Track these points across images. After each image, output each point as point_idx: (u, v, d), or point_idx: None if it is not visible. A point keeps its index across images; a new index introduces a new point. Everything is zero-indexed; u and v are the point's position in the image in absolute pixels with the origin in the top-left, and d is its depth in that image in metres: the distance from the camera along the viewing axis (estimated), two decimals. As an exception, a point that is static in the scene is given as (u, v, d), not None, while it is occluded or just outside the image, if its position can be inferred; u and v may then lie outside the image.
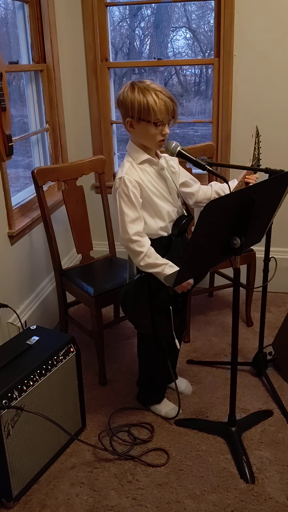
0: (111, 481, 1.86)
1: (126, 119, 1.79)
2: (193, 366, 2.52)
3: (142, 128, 1.78)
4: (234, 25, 2.75)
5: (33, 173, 2.37)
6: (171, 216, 1.90)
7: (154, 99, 1.72)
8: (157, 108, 1.72)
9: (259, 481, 1.84)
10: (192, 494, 1.79)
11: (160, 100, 1.72)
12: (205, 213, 1.52)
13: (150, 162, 1.86)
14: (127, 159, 1.84)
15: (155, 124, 1.75)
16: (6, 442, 1.68)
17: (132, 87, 1.75)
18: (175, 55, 6.65)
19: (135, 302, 1.87)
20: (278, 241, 2.73)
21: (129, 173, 1.79)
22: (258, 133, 2.03)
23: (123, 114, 1.81)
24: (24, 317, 2.51)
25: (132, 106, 1.74)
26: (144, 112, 1.73)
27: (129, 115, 1.77)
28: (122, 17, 6.26)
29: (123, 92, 1.77)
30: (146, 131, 1.78)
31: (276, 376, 2.41)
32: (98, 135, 3.12)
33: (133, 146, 1.86)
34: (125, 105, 1.76)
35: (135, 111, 1.74)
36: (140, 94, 1.72)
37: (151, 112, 1.72)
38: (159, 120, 1.75)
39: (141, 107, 1.73)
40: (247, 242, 1.74)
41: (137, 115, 1.75)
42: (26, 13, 2.67)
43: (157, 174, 1.88)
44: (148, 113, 1.73)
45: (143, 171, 1.84)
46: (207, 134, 6.18)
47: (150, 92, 1.72)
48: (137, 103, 1.73)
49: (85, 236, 2.62)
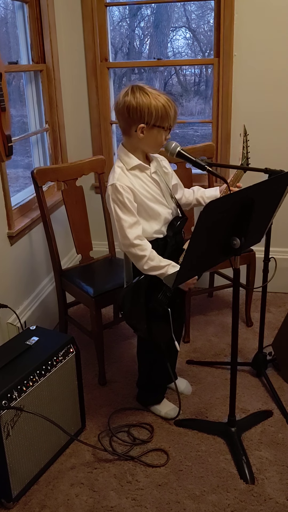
0: (110, 482, 1.86)
1: (138, 125, 1.73)
2: (193, 367, 2.51)
3: (154, 134, 1.75)
4: (234, 25, 2.75)
5: (32, 173, 2.37)
6: (166, 218, 1.90)
7: (169, 105, 1.71)
8: (172, 114, 1.72)
9: (259, 482, 1.84)
10: (192, 495, 1.79)
11: (173, 107, 1.72)
12: (205, 213, 1.52)
13: (141, 167, 1.83)
14: (118, 164, 1.82)
15: (167, 129, 1.76)
16: (5, 442, 1.67)
17: (143, 92, 1.70)
18: (175, 55, 6.65)
19: (133, 306, 1.87)
20: (278, 241, 2.73)
21: (121, 179, 1.77)
22: (246, 132, 2.04)
23: (133, 119, 1.73)
24: (24, 318, 2.51)
25: (149, 112, 1.69)
26: (162, 118, 1.71)
27: (144, 121, 1.71)
28: (121, 17, 6.25)
29: (134, 98, 1.70)
30: (157, 137, 1.76)
31: (276, 376, 2.41)
32: (97, 135, 3.12)
33: (124, 151, 1.83)
34: (141, 111, 1.70)
35: (152, 117, 1.70)
36: (155, 100, 1.70)
37: (167, 118, 1.72)
38: (171, 125, 1.75)
39: (158, 113, 1.70)
40: (247, 242, 1.74)
41: (154, 121, 1.71)
42: (26, 13, 2.67)
43: (149, 177, 1.86)
44: (165, 119, 1.72)
45: (134, 176, 1.81)
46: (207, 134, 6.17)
47: (162, 98, 1.71)
48: (155, 109, 1.69)
49: (84, 236, 2.62)
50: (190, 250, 1.63)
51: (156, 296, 1.85)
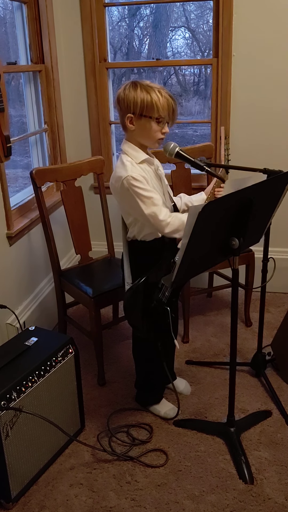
0: (110, 482, 1.86)
1: (126, 115, 1.78)
2: (192, 367, 2.52)
3: (143, 124, 1.78)
4: (233, 25, 2.75)
5: (31, 174, 2.37)
6: None
7: (158, 96, 1.74)
8: (160, 104, 1.74)
9: (258, 482, 1.84)
10: (191, 495, 1.79)
11: (163, 98, 1.75)
12: (203, 214, 1.52)
13: (148, 161, 1.86)
14: (126, 158, 1.82)
15: (157, 120, 1.76)
16: (4, 443, 1.68)
17: (135, 85, 1.76)
18: (174, 54, 6.64)
19: (135, 308, 1.87)
20: (276, 241, 2.73)
21: (134, 171, 1.78)
22: (226, 135, 2.05)
23: (123, 110, 1.79)
24: (23, 318, 2.51)
25: (135, 102, 1.74)
26: (148, 108, 1.74)
27: (131, 111, 1.76)
28: (121, 17, 6.25)
29: (124, 90, 1.77)
30: (147, 128, 1.78)
31: (275, 376, 2.41)
32: (96, 136, 3.12)
33: (130, 145, 1.84)
34: (127, 101, 1.76)
35: (137, 107, 1.74)
36: (144, 91, 1.74)
37: (154, 108, 1.74)
38: (161, 116, 1.76)
39: (144, 103, 1.73)
40: (245, 242, 1.74)
41: (140, 111, 1.75)
42: (25, 14, 2.67)
43: (155, 173, 1.88)
44: (151, 109, 1.74)
45: (144, 170, 1.83)
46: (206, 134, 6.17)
47: (154, 89, 1.75)
48: (140, 99, 1.73)
49: (83, 236, 2.62)
50: (188, 249, 1.63)
51: (156, 295, 1.86)
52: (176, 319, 2.23)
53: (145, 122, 1.77)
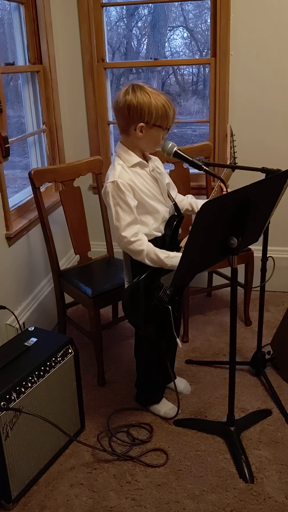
0: (110, 482, 1.86)
1: (138, 124, 1.74)
2: (192, 366, 2.52)
3: (153, 133, 1.77)
4: (230, 25, 2.75)
5: (30, 175, 2.37)
6: (164, 216, 1.91)
7: (169, 105, 1.73)
8: (171, 114, 1.74)
9: (258, 481, 1.84)
10: (191, 494, 1.80)
11: (171, 106, 1.74)
12: (202, 213, 1.52)
13: (141, 164, 1.85)
14: (118, 161, 1.82)
15: (165, 129, 1.77)
16: (4, 444, 1.67)
17: (143, 91, 1.72)
18: (173, 54, 6.65)
19: (135, 306, 1.87)
20: (275, 240, 2.73)
21: (121, 176, 1.78)
22: (232, 133, 2.05)
23: (133, 118, 1.73)
24: (22, 319, 2.51)
25: (149, 112, 1.71)
26: (162, 118, 1.73)
27: (144, 120, 1.73)
28: (119, 17, 6.26)
29: (135, 97, 1.71)
30: (155, 137, 1.78)
31: (275, 375, 2.41)
32: (95, 136, 3.12)
33: (123, 149, 1.84)
34: (141, 110, 1.71)
35: (152, 116, 1.72)
36: (155, 100, 1.71)
37: (166, 118, 1.74)
38: (169, 125, 1.77)
39: (158, 113, 1.71)
40: (244, 241, 1.74)
41: (154, 121, 1.73)
42: (22, 14, 2.67)
43: (149, 175, 1.87)
44: (164, 119, 1.74)
45: (135, 173, 1.82)
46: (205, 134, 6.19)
47: (162, 97, 1.73)
48: (155, 108, 1.71)
49: (82, 237, 2.62)
50: (187, 249, 1.63)
51: (157, 294, 1.86)
52: (179, 318, 2.23)
53: (155, 131, 1.76)
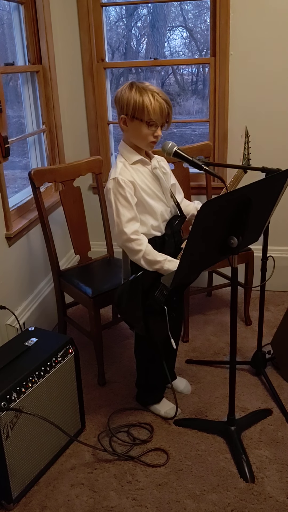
0: (111, 482, 1.86)
1: (120, 116, 1.82)
2: (192, 366, 2.52)
3: (135, 126, 1.80)
4: (230, 24, 2.75)
5: (30, 175, 2.37)
6: (164, 216, 1.91)
7: (150, 100, 1.76)
8: (152, 108, 1.75)
9: (258, 480, 1.84)
10: (192, 494, 1.80)
11: (155, 101, 1.76)
12: (202, 212, 1.52)
13: (143, 162, 1.87)
14: (120, 159, 1.86)
15: (147, 123, 1.78)
16: (5, 444, 1.67)
17: (131, 86, 1.79)
18: (172, 54, 6.64)
19: (129, 303, 1.87)
20: (275, 240, 2.73)
21: (123, 174, 1.81)
22: (248, 133, 2.05)
23: (118, 111, 1.84)
24: (23, 319, 2.51)
25: (128, 104, 1.77)
26: (139, 110, 1.76)
27: (124, 112, 1.80)
28: (118, 17, 6.26)
29: (121, 90, 1.81)
30: (138, 130, 1.81)
31: (275, 375, 2.41)
32: (95, 136, 3.12)
33: (125, 146, 1.87)
34: (121, 102, 1.80)
35: (130, 108, 1.77)
36: (137, 93, 1.76)
37: (145, 111, 1.76)
38: (152, 120, 1.77)
39: (136, 105, 1.76)
40: (244, 241, 1.74)
41: (132, 112, 1.78)
42: (22, 14, 2.67)
43: (151, 173, 1.89)
44: (142, 112, 1.76)
45: (136, 171, 1.85)
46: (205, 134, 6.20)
47: (148, 92, 1.77)
48: (133, 101, 1.76)
49: (82, 236, 2.62)
50: (188, 249, 1.63)
51: (153, 293, 1.86)
52: (178, 319, 2.22)
53: (137, 124, 1.80)
